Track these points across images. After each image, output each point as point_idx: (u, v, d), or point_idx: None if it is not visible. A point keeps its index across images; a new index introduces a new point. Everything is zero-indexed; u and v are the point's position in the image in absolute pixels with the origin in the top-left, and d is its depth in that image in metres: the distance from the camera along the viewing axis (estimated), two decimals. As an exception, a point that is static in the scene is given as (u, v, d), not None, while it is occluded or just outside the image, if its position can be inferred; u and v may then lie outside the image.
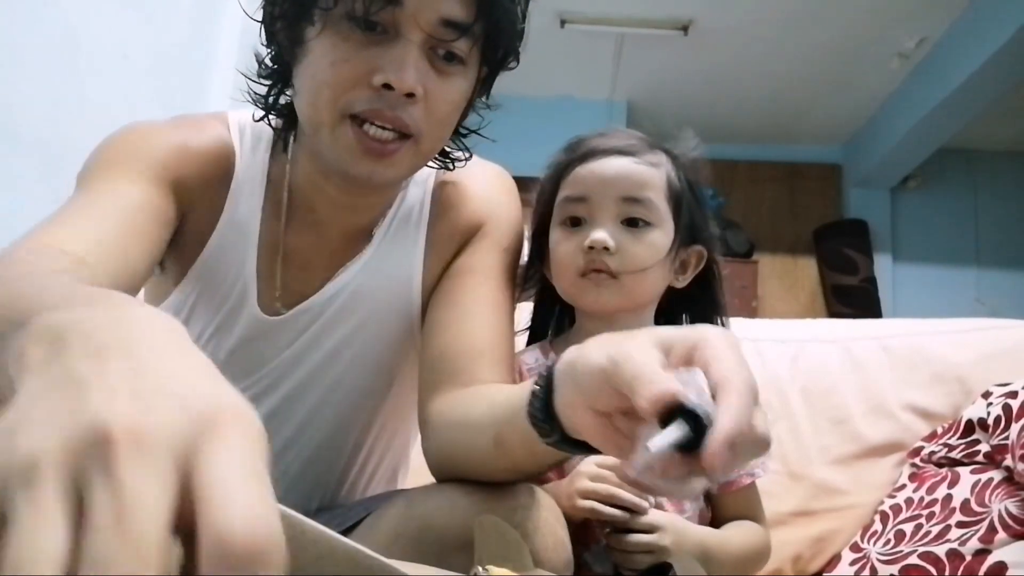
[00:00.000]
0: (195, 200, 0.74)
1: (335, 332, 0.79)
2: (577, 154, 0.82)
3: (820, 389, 1.20)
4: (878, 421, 1.15)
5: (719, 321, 0.88)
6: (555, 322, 0.93)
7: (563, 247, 0.81)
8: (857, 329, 1.31)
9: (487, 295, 0.77)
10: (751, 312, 4.05)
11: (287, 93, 0.73)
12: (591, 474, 0.73)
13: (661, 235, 0.80)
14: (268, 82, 0.73)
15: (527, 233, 0.89)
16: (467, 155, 0.81)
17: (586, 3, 3.62)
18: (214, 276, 0.76)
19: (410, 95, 0.63)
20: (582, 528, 0.76)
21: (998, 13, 3.07)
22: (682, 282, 0.84)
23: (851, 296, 4.37)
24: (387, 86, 0.62)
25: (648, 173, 0.80)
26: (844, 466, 1.13)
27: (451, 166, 0.80)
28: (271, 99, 0.74)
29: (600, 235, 0.77)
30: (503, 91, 0.84)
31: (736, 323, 1.34)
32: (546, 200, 0.86)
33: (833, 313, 4.38)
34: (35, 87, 1.39)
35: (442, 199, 0.82)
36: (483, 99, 0.79)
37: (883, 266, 4.56)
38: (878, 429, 1.15)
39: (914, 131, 3.92)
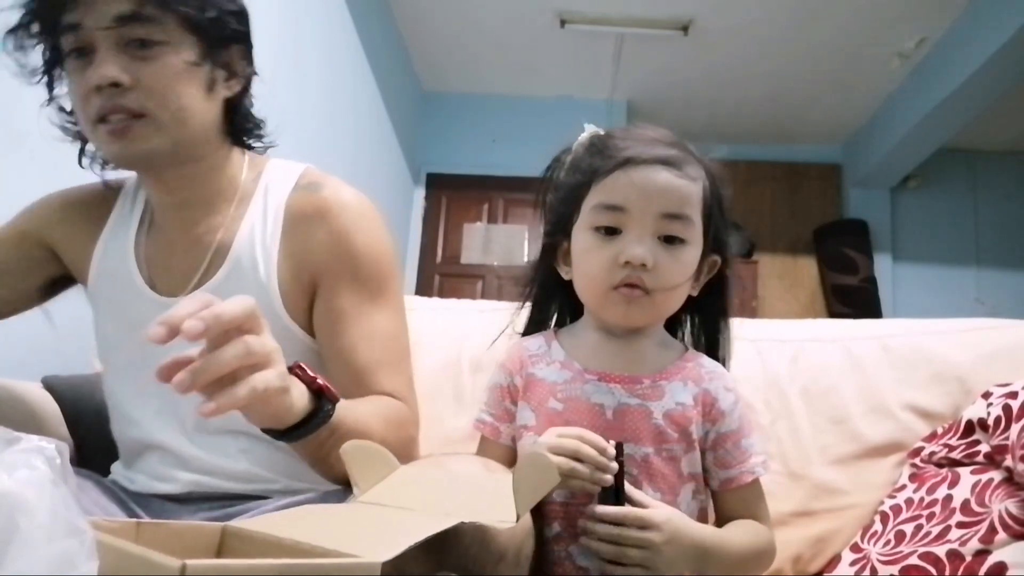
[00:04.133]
0: (65, 246, 0.94)
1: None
2: (616, 159, 0.77)
3: (820, 389, 1.20)
4: (878, 421, 1.15)
5: (723, 325, 0.87)
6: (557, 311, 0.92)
7: (595, 257, 0.78)
8: (857, 329, 1.30)
9: (358, 326, 0.85)
10: (751, 312, 4.05)
11: None
12: (551, 442, 0.71)
13: (694, 251, 0.78)
14: (75, 138, 0.91)
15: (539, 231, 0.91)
16: (257, 123, 0.93)
17: (586, 3, 3.62)
18: (102, 298, 0.93)
19: (115, 84, 0.76)
20: (564, 519, 0.75)
21: (998, 13, 3.07)
22: (696, 289, 0.83)
23: (851, 296, 4.37)
24: (98, 87, 0.77)
25: (689, 189, 0.77)
26: (844, 466, 1.13)
27: (255, 139, 0.93)
28: (83, 149, 0.92)
29: (639, 251, 0.74)
30: (503, 91, 0.85)
31: (736, 323, 1.34)
32: (570, 200, 0.82)
33: (833, 313, 4.38)
34: (35, 87, 1.39)
35: (295, 211, 0.88)
36: (245, 69, 0.88)
37: (883, 266, 4.56)
38: (878, 429, 1.15)
39: (914, 131, 3.92)
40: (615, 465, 0.70)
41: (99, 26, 0.77)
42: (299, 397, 0.64)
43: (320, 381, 0.67)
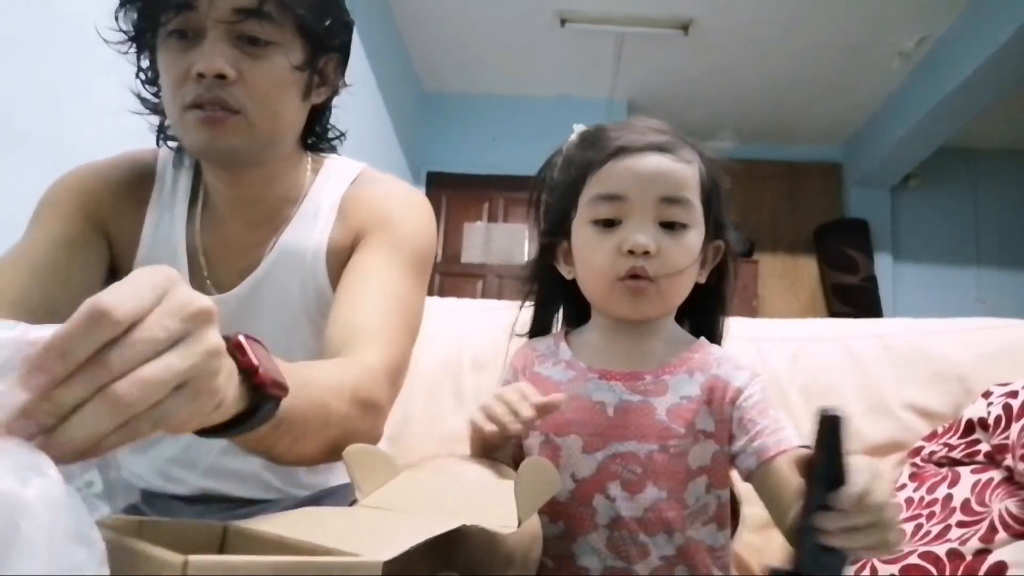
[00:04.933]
0: (115, 227, 0.88)
1: (251, 324, 0.84)
2: (609, 149, 0.76)
3: (820, 388, 1.20)
4: (878, 420, 1.15)
5: (722, 320, 0.86)
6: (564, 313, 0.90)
7: (597, 250, 0.76)
8: (857, 328, 1.30)
9: (377, 284, 0.82)
10: (751, 311, 4.05)
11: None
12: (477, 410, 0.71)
13: (696, 235, 0.77)
14: (155, 112, 0.88)
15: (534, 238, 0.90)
16: (339, 136, 0.94)
17: (586, 3, 3.62)
18: None
19: (221, 76, 0.75)
20: (575, 520, 0.74)
21: (998, 13, 3.07)
22: (702, 277, 0.81)
23: (851, 295, 4.37)
24: (200, 75, 0.75)
25: (686, 172, 0.76)
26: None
27: (329, 147, 0.93)
28: (164, 125, 0.88)
29: (642, 238, 0.73)
30: (504, 91, 0.85)
31: (736, 322, 1.34)
32: (566, 196, 0.80)
33: (833, 312, 4.38)
34: (36, 87, 1.39)
35: (349, 203, 0.89)
36: (339, 79, 0.89)
37: (883, 265, 4.56)
38: (878, 428, 1.15)
39: (914, 131, 3.92)
40: (529, 412, 0.67)
41: (216, 15, 0.75)
42: (231, 388, 0.45)
43: (262, 372, 0.48)
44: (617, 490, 0.73)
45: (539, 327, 0.89)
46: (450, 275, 4.54)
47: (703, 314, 0.86)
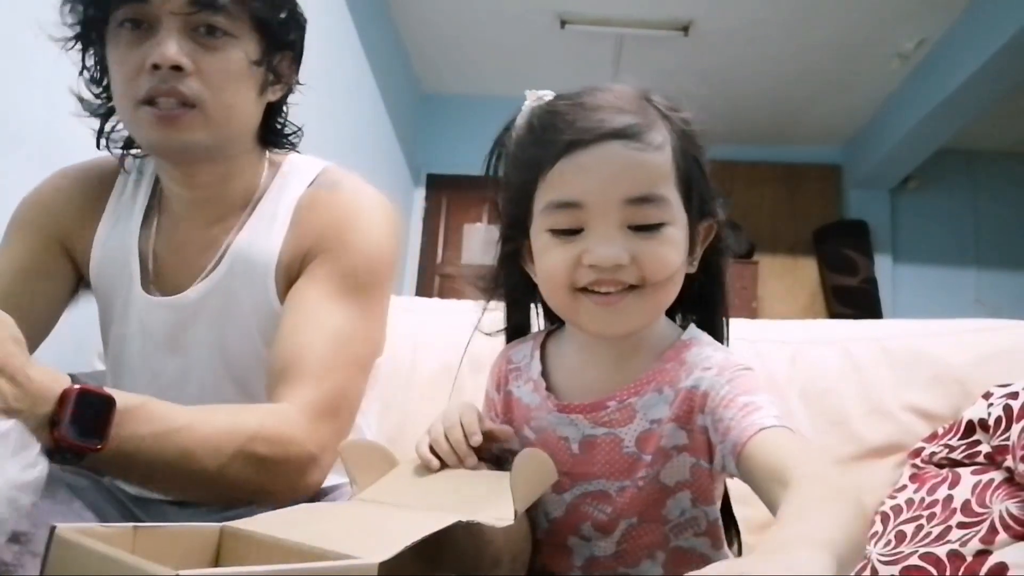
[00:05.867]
0: (75, 239, 0.89)
1: (198, 329, 0.86)
2: (558, 146, 0.62)
3: (819, 390, 1.20)
4: (878, 422, 1.15)
5: (722, 320, 0.75)
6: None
7: (555, 260, 0.64)
8: (856, 330, 1.30)
9: (318, 317, 0.80)
10: (751, 313, 4.04)
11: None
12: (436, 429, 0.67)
13: (676, 231, 0.64)
14: (97, 116, 0.87)
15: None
16: (295, 130, 0.93)
17: (586, 3, 3.62)
18: (103, 291, 0.89)
19: (177, 68, 0.74)
20: (553, 560, 0.70)
21: (998, 14, 3.07)
22: (693, 266, 0.69)
23: (851, 297, 4.37)
24: (155, 66, 0.74)
25: (654, 162, 0.62)
26: (844, 467, 1.13)
27: (287, 145, 0.92)
28: (103, 128, 0.88)
29: (608, 251, 0.61)
30: (503, 92, 0.83)
31: (736, 323, 1.34)
32: (518, 200, 0.67)
33: (833, 314, 4.38)
34: (36, 87, 1.39)
35: (303, 210, 0.87)
36: (292, 76, 0.89)
37: (883, 267, 4.56)
38: (878, 430, 1.15)
39: (914, 131, 3.92)
40: (470, 459, 0.64)
41: (171, 6, 0.74)
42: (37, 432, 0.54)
43: (61, 432, 0.56)
44: (590, 530, 0.68)
45: (515, 329, 0.81)
46: (450, 276, 4.54)
47: (699, 307, 0.75)
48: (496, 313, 0.80)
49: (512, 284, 0.76)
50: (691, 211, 0.66)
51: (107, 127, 0.88)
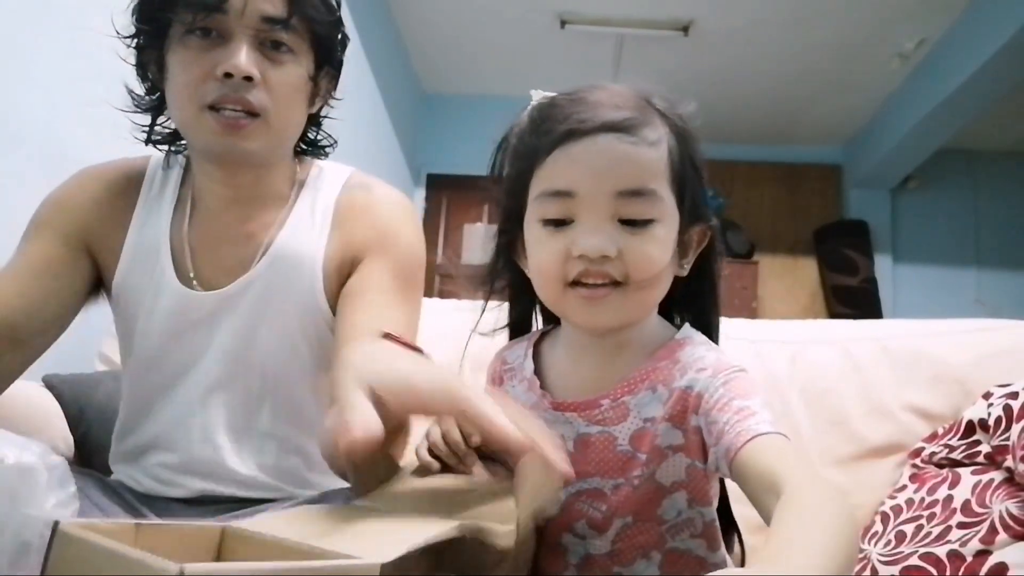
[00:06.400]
0: (99, 239, 0.89)
1: (239, 324, 0.87)
2: (555, 135, 0.63)
3: (819, 390, 1.20)
4: (878, 422, 1.15)
5: (714, 319, 0.75)
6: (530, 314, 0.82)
7: (545, 251, 0.65)
8: (856, 330, 1.30)
9: (387, 312, 0.85)
10: (751, 313, 4.05)
11: (165, 113, 0.89)
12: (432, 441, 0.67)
13: (666, 229, 0.64)
14: (147, 112, 0.89)
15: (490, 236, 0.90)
16: (332, 142, 0.97)
17: (586, 3, 3.62)
18: (132, 288, 0.89)
19: (248, 78, 0.78)
20: (548, 559, 0.70)
21: (998, 14, 3.07)
22: (685, 269, 0.69)
23: (851, 297, 4.37)
24: (228, 74, 0.77)
25: (647, 157, 0.63)
26: (844, 467, 1.13)
27: (321, 154, 0.97)
28: (154, 124, 0.90)
29: (595, 242, 0.62)
30: (503, 92, 0.83)
31: (736, 323, 1.34)
32: (515, 191, 0.69)
33: (834, 314, 4.38)
34: (37, 87, 1.39)
35: (344, 210, 0.92)
36: (331, 91, 0.92)
37: (883, 267, 4.56)
38: (878, 430, 1.15)
39: (914, 131, 3.92)
40: (473, 460, 0.64)
41: (246, 21, 0.78)
42: None
43: None
44: (585, 528, 0.68)
45: (515, 328, 0.82)
46: (450, 276, 4.54)
47: (693, 306, 0.75)
48: (497, 313, 0.81)
49: (509, 280, 0.77)
50: (684, 213, 0.67)
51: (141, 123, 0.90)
